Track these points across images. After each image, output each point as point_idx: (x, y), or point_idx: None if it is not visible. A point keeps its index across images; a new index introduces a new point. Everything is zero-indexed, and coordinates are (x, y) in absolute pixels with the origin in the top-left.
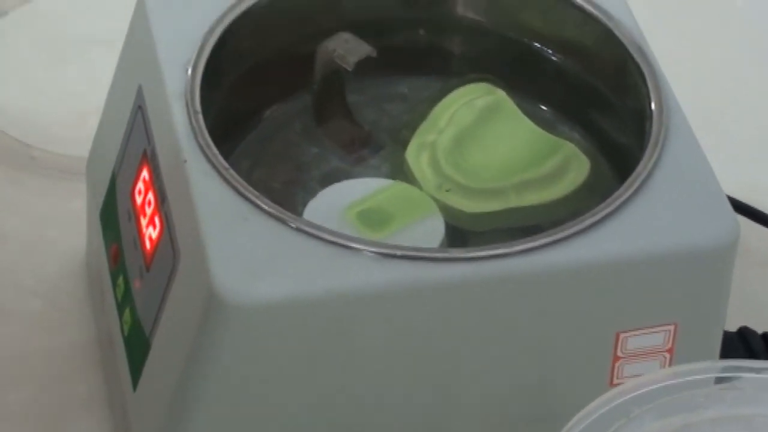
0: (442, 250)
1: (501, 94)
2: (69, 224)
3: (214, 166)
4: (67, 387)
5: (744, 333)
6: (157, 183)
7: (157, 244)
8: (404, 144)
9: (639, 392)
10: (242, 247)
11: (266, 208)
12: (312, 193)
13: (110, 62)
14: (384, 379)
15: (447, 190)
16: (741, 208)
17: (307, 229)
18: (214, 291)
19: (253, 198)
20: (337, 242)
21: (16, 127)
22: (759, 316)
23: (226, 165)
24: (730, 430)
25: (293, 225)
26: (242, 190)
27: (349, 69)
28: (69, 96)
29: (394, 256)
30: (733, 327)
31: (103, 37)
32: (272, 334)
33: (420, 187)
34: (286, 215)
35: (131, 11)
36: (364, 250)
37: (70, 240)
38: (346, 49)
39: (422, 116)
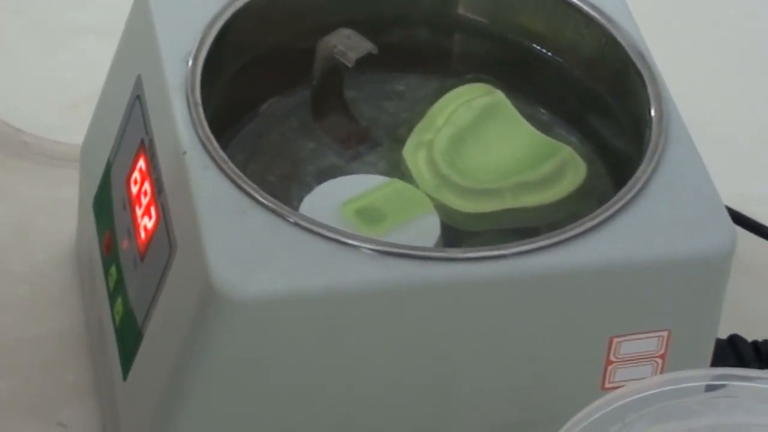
0: (440, 250)
1: (499, 95)
2: (59, 211)
3: (213, 159)
4: (55, 374)
5: (734, 341)
6: (154, 173)
7: (152, 234)
8: (401, 142)
9: (634, 397)
10: (240, 241)
11: (265, 202)
12: (307, 188)
13: (103, 50)
14: (377, 377)
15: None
16: (732, 216)
17: (305, 224)
18: (210, 284)
19: (252, 191)
20: (336, 238)
21: (7, 112)
22: (749, 324)
23: (226, 158)
24: None
25: (291, 220)
26: (241, 183)
27: (350, 65)
28: (61, 83)
29: (392, 254)
30: (723, 334)
31: (96, 25)
32: (268, 328)
33: (416, 186)
34: (284, 210)
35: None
36: (362, 247)
37: (60, 227)
38: (347, 45)
39: (420, 114)
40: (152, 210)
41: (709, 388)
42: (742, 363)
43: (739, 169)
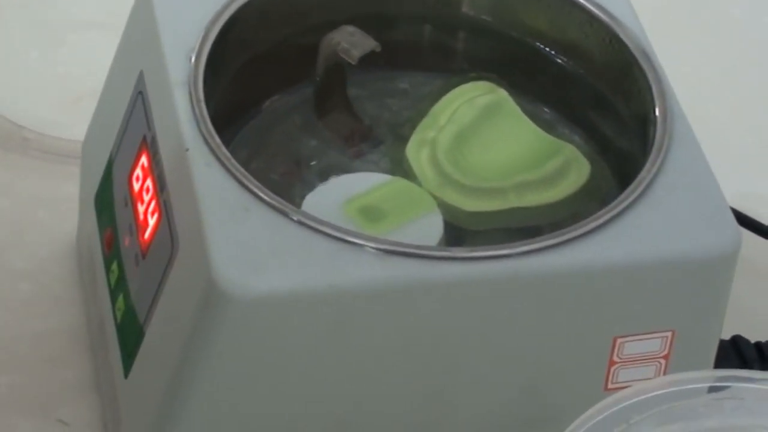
0: (444, 249)
1: (503, 93)
2: (60, 207)
3: (216, 156)
4: (56, 371)
5: (737, 342)
6: (156, 170)
7: (154, 231)
8: (404, 140)
9: (638, 399)
10: (243, 239)
11: (268, 199)
12: (310, 186)
13: (105, 45)
14: (380, 375)
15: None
16: (737, 217)
17: (309, 222)
18: (213, 282)
19: (255, 189)
20: (339, 237)
21: (9, 108)
22: (752, 326)
23: (228, 155)
24: None
25: (295, 218)
26: (244, 180)
27: (353, 63)
28: (63, 78)
29: (395, 253)
30: (726, 335)
31: (98, 20)
32: (271, 327)
33: (419, 184)
34: (288, 208)
35: None
36: (366, 245)
37: (61, 223)
38: (351, 42)
39: (423, 112)
40: (154, 207)
41: (712, 390)
42: (744, 364)
43: (743, 170)
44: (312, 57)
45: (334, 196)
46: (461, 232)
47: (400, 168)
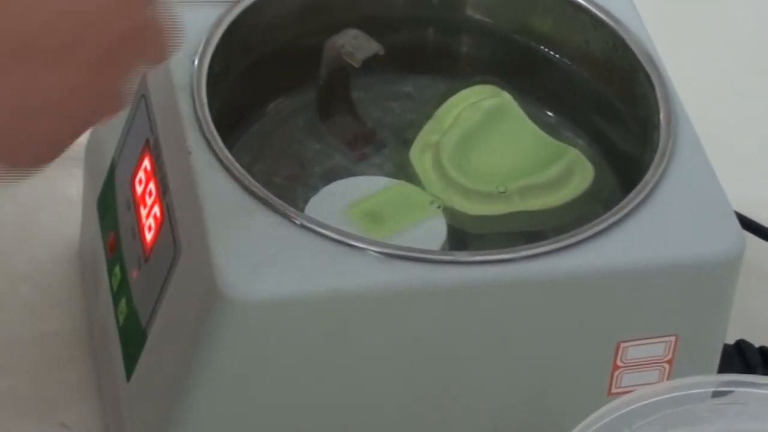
0: (447, 253)
1: (507, 96)
2: (63, 210)
3: (219, 159)
4: (57, 374)
5: (741, 346)
6: (159, 173)
7: (157, 234)
8: (408, 143)
9: (641, 404)
10: (246, 242)
11: (271, 203)
12: (313, 189)
13: None
14: (382, 379)
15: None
16: (741, 220)
17: (311, 226)
18: (216, 285)
19: (258, 192)
20: (342, 241)
21: None
22: (756, 330)
23: (231, 158)
24: None
25: (298, 221)
26: (247, 184)
27: (356, 66)
28: None
29: (398, 257)
30: (730, 339)
31: None
32: (273, 330)
33: (423, 188)
34: (291, 211)
35: None
36: (369, 249)
37: (63, 226)
38: (354, 45)
39: (427, 116)
40: (157, 210)
41: (716, 395)
42: (748, 368)
43: (747, 173)
44: (315, 60)
45: (338, 199)
46: (465, 235)
47: (404, 171)
